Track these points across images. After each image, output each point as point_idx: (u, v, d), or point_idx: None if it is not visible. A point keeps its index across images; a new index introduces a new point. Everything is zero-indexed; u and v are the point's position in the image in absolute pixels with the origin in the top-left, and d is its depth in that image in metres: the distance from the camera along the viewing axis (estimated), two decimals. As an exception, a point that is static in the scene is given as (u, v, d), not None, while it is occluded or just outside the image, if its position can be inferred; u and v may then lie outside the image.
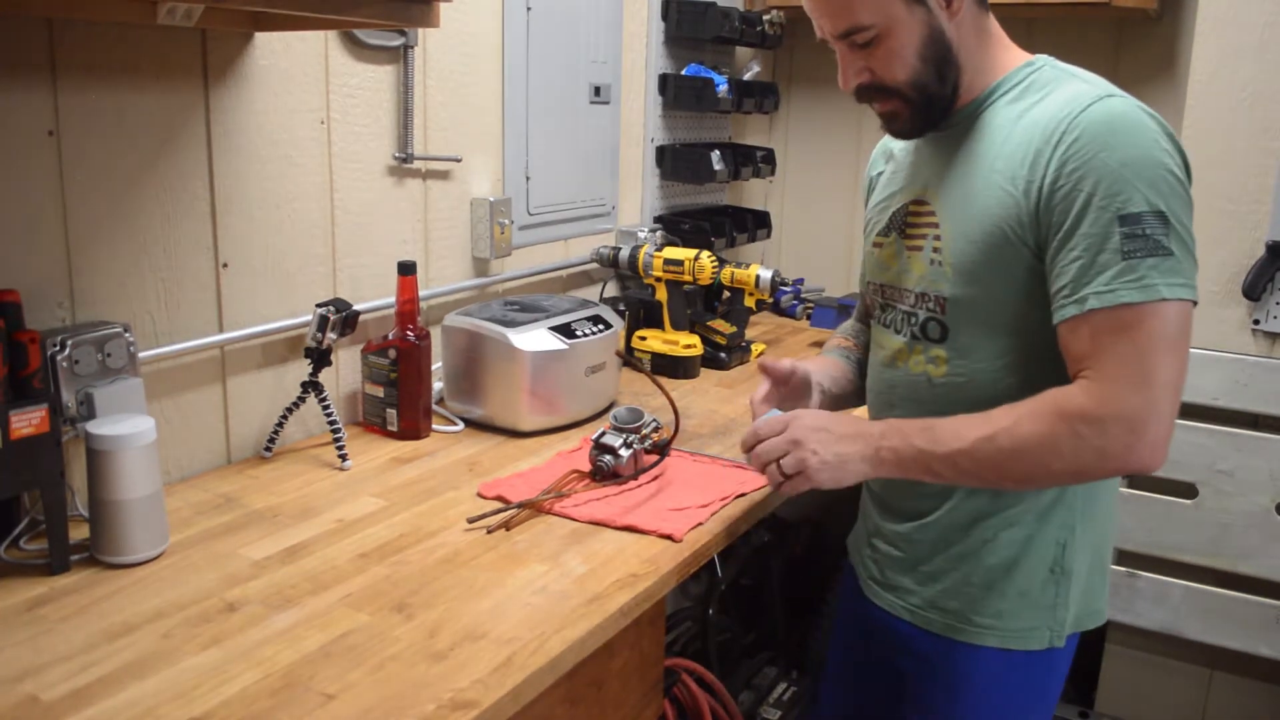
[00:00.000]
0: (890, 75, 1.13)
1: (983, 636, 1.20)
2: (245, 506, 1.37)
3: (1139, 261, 1.01)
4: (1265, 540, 2.05)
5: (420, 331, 1.64)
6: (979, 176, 1.14)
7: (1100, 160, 1.03)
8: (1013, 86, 1.15)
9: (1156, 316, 1.01)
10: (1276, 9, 1.98)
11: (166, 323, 1.43)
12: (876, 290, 1.28)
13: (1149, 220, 1.02)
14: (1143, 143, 1.04)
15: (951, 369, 1.17)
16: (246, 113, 1.49)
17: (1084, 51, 2.44)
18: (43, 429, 1.12)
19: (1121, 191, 1.02)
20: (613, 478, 1.46)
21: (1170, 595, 2.15)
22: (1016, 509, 1.17)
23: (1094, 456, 1.04)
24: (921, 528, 1.22)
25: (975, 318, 1.14)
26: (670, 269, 2.08)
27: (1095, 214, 1.03)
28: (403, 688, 0.96)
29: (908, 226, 1.22)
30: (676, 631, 2.08)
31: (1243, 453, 2.05)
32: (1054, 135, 1.07)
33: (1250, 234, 2.05)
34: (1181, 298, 1.02)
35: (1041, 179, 1.07)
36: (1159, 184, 1.02)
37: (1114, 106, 1.06)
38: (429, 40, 1.76)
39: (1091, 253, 1.03)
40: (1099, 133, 1.04)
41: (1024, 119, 1.12)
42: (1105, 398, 1.03)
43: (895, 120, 1.19)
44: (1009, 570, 1.18)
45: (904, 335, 1.23)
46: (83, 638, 1.03)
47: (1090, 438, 1.03)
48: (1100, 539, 1.22)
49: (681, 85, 2.41)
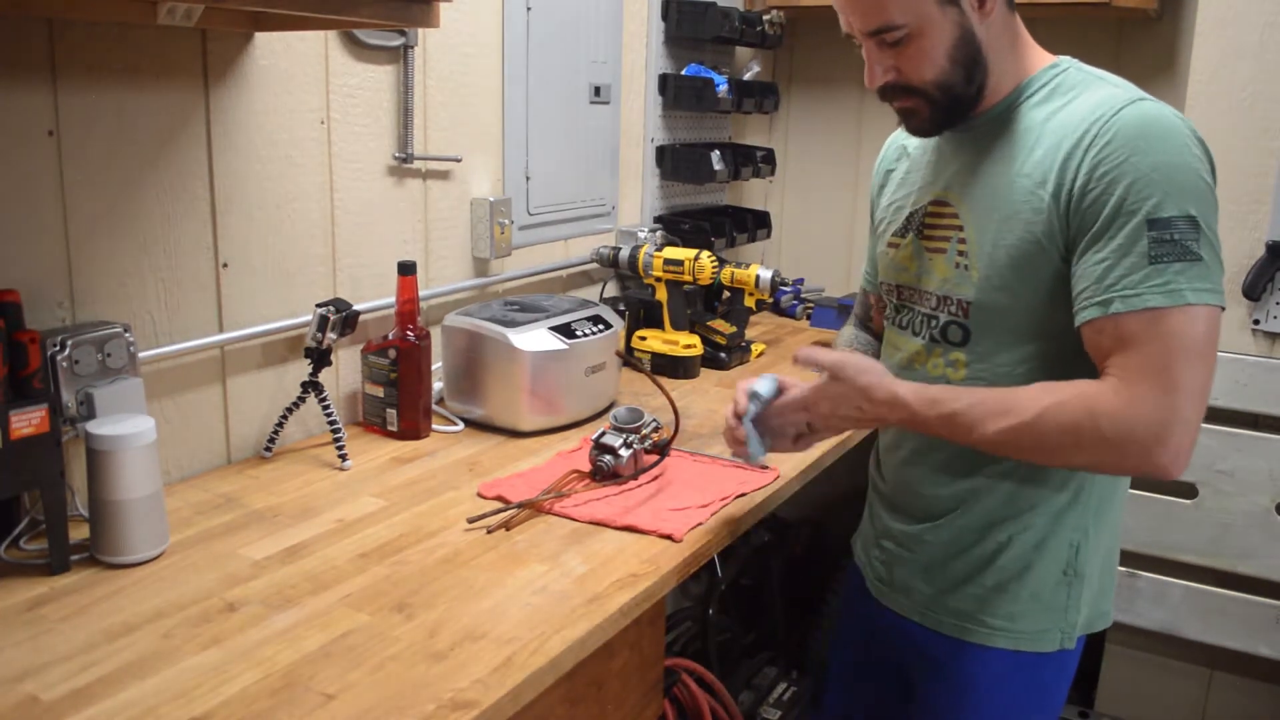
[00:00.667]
0: (918, 75, 1.11)
1: (994, 638, 1.19)
2: (245, 506, 1.37)
3: (1166, 266, 1.00)
4: (1265, 540, 2.05)
5: (420, 331, 1.64)
6: (1006, 179, 1.12)
7: (1132, 164, 1.02)
8: (1039, 88, 1.15)
9: (1183, 322, 1.01)
10: (1276, 9, 1.98)
11: (166, 323, 1.43)
12: (892, 291, 1.27)
13: (1179, 225, 1.01)
14: (1174, 147, 1.03)
15: (971, 372, 1.17)
16: (246, 113, 1.49)
17: (1084, 51, 2.41)
18: (43, 429, 1.12)
19: (1152, 195, 1.01)
20: (613, 478, 1.46)
21: (1170, 595, 2.15)
22: (1031, 512, 1.17)
23: (1116, 456, 1.03)
24: (934, 529, 1.22)
25: (999, 322, 1.14)
26: (670, 269, 2.08)
27: (1125, 217, 1.02)
28: (403, 688, 0.96)
29: (926, 228, 1.21)
30: (676, 631, 2.08)
31: (1243, 453, 2.05)
32: (1085, 139, 1.06)
33: (1250, 234, 2.05)
34: (1208, 303, 1.01)
35: (1072, 183, 1.06)
36: (1190, 189, 1.02)
37: (1147, 110, 1.05)
38: (429, 40, 1.76)
39: (1118, 255, 1.03)
40: (1131, 136, 1.03)
41: (1052, 121, 1.11)
42: (1133, 400, 1.02)
43: (913, 118, 1.17)
44: (1022, 573, 1.18)
45: (923, 338, 1.22)
46: (83, 638, 1.03)
47: (1114, 439, 1.02)
48: (1111, 541, 1.22)
49: (681, 85, 2.41)
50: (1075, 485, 1.16)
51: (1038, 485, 1.16)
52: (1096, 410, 1.03)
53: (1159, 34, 2.39)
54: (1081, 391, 1.05)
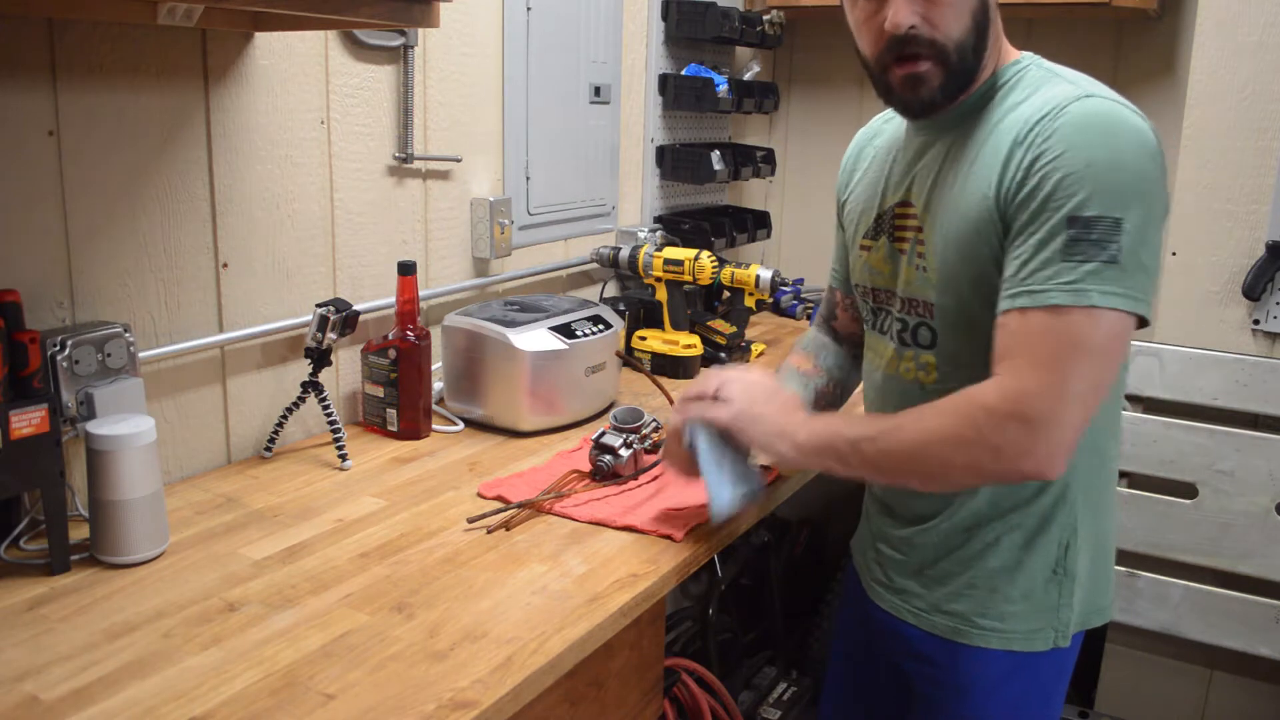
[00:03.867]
0: (945, 27, 1.07)
1: (987, 639, 1.19)
2: (245, 506, 1.37)
3: (1078, 265, 0.97)
4: (1265, 540, 2.05)
5: (420, 331, 1.64)
6: (958, 178, 1.11)
7: (1065, 159, 1.00)
8: (1001, 85, 1.13)
9: (1083, 322, 0.97)
10: (1276, 9, 1.98)
11: (166, 323, 1.43)
12: (867, 294, 1.27)
13: (1101, 225, 0.97)
14: (1116, 145, 0.99)
15: (942, 375, 1.16)
16: (246, 113, 1.49)
17: (1084, 51, 2.44)
18: (43, 429, 1.12)
19: (1079, 192, 0.98)
20: (613, 478, 1.46)
21: (1170, 595, 2.15)
22: (1016, 512, 1.16)
23: (990, 454, 1.01)
24: (923, 531, 1.22)
25: (961, 323, 1.12)
26: (670, 269, 2.08)
27: (1049, 213, 1.00)
28: (403, 687, 0.96)
29: (896, 229, 1.20)
30: (676, 631, 2.08)
31: (1243, 453, 2.05)
32: (1028, 136, 1.04)
33: (1250, 234, 2.05)
34: (1116, 308, 0.97)
35: (1011, 179, 1.04)
36: (1122, 190, 0.98)
37: (1093, 106, 1.02)
38: (429, 40, 1.76)
39: (1035, 250, 1.00)
40: (1069, 132, 1.01)
41: (1005, 120, 1.09)
42: (1010, 394, 1.00)
43: (922, 85, 1.10)
44: (1012, 573, 1.17)
45: (895, 341, 1.21)
46: (83, 637, 1.03)
47: (988, 433, 1.00)
48: (1102, 537, 1.21)
49: (681, 85, 2.41)
50: (1060, 484, 1.15)
51: (1024, 484, 1.15)
52: (973, 404, 1.01)
53: (1159, 34, 2.39)
54: (962, 393, 1.03)
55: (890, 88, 1.13)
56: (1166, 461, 2.12)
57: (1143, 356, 2.14)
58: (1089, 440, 1.12)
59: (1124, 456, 2.14)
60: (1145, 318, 1.00)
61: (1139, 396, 2.17)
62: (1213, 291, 2.09)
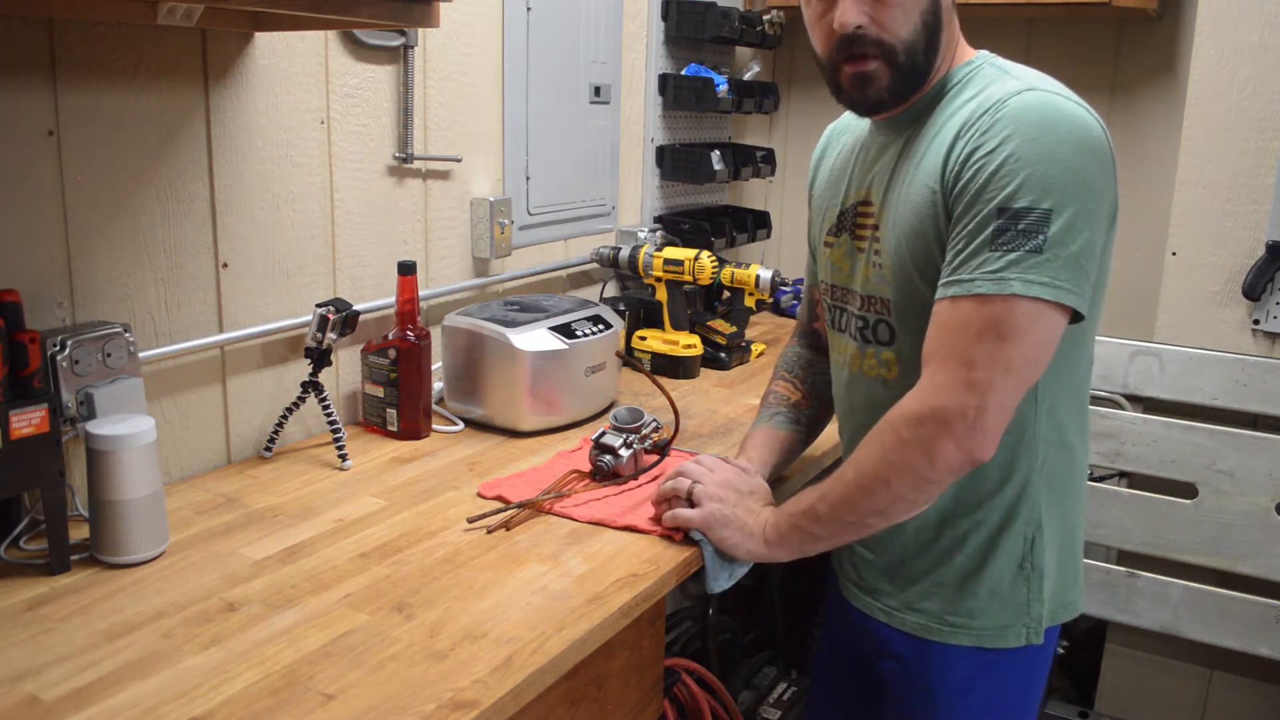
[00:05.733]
0: (893, 28, 1.08)
1: (956, 636, 1.19)
2: (245, 506, 1.37)
3: (1003, 255, 0.98)
4: (1265, 540, 2.05)
5: (420, 331, 1.64)
6: (910, 176, 1.12)
7: (999, 151, 1.00)
8: (953, 85, 1.14)
9: (1003, 311, 0.98)
10: (1276, 9, 1.98)
11: (166, 323, 1.43)
12: (828, 291, 1.27)
13: (1030, 215, 0.98)
14: (1053, 137, 1.00)
15: (903, 370, 1.16)
16: (247, 113, 1.49)
17: (1084, 51, 2.44)
18: (43, 429, 1.12)
19: (1010, 183, 0.99)
20: (613, 478, 1.46)
21: (1170, 595, 2.15)
22: (980, 509, 1.16)
23: (923, 459, 1.02)
24: (893, 530, 1.21)
25: (916, 319, 1.12)
26: (670, 269, 2.08)
27: (982, 204, 1.01)
28: (403, 687, 0.96)
29: (857, 227, 1.21)
30: (676, 631, 2.07)
31: (1243, 453, 2.05)
32: (968, 129, 1.05)
33: (1250, 234, 2.05)
34: (1039, 297, 0.98)
35: (951, 172, 1.05)
36: (1056, 182, 0.98)
37: (1030, 99, 1.02)
38: (429, 40, 1.76)
39: (967, 240, 1.01)
40: (1006, 124, 1.01)
41: (953, 118, 1.10)
42: (925, 397, 1.01)
43: (870, 85, 1.12)
44: (978, 569, 1.18)
45: (856, 339, 1.22)
46: (83, 637, 1.03)
47: (913, 441, 1.01)
48: (1069, 532, 1.21)
49: (681, 85, 2.41)
50: (1020, 478, 1.15)
51: (982, 479, 1.15)
52: (894, 418, 1.04)
53: (1159, 34, 2.39)
54: (885, 415, 1.06)
55: (840, 86, 1.16)
56: (1166, 461, 2.12)
57: (1143, 356, 2.14)
58: (1052, 435, 1.13)
59: (1124, 456, 2.14)
60: (1077, 309, 1.00)
61: (1139, 396, 2.17)
62: (1212, 291, 2.09)
